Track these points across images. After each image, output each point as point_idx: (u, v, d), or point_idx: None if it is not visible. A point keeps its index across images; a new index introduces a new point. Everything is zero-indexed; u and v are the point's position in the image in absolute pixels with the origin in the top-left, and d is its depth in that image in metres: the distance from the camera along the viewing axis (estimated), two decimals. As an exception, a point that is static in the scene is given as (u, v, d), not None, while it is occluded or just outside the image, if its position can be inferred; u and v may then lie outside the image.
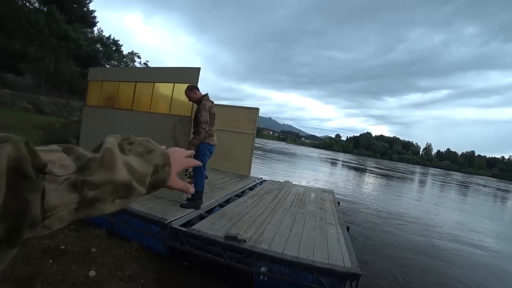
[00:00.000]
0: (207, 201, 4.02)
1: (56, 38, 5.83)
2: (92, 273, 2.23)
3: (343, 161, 44.60)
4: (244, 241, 2.65)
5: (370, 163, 54.64)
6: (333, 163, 35.90)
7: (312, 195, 5.65)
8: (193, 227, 2.91)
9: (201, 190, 3.57)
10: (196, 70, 3.75)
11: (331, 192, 6.22)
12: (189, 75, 3.76)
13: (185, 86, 3.75)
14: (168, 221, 2.93)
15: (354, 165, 37.60)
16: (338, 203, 5.48)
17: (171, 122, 3.77)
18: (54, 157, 0.29)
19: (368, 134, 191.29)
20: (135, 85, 4.15)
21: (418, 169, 73.55)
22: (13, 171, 0.24)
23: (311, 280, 2.38)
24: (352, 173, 23.16)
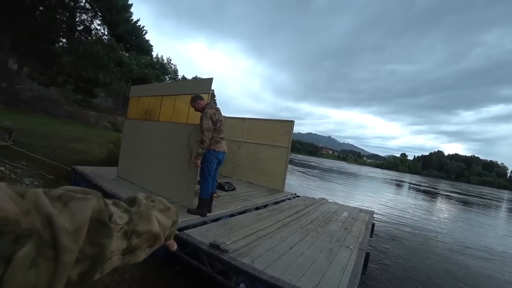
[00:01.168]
0: (219, 210, 4.02)
1: (113, 64, 7.16)
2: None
3: (410, 183, 38.81)
4: (227, 251, 2.51)
5: (444, 185, 45.64)
6: (398, 184, 31.57)
7: (344, 214, 5.04)
8: (185, 231, 2.93)
9: (206, 198, 3.58)
10: (209, 81, 3.92)
11: (370, 213, 5.42)
12: (203, 85, 3.97)
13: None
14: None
15: (424, 187, 32.12)
16: (373, 225, 4.74)
17: (187, 131, 3.98)
18: (114, 209, 0.34)
19: (440, 153, 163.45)
20: (162, 99, 4.58)
21: (506, 194, 57.69)
22: (95, 221, 0.28)
23: (291, 308, 2.06)
24: (420, 196, 19.80)
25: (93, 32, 7.94)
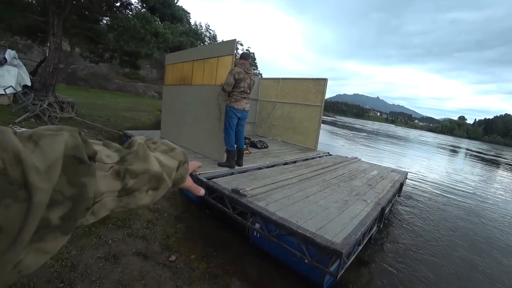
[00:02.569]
0: (248, 164, 4.37)
1: (150, 35, 7.54)
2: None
3: (467, 149, 34.40)
4: (245, 196, 2.84)
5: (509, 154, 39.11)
6: (453, 150, 28.42)
7: (373, 172, 4.99)
8: (213, 179, 3.33)
9: (231, 149, 3.94)
10: (232, 42, 4.01)
11: (403, 173, 5.26)
12: (228, 47, 4.08)
13: (226, 58, 4.14)
14: (197, 172, 3.47)
15: (485, 156, 27.68)
16: (401, 184, 4.63)
17: (216, 91, 4.23)
18: (100, 148, 0.33)
19: (508, 116, 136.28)
20: (193, 64, 4.85)
21: None
22: (70, 158, 0.26)
23: (296, 247, 2.30)
24: (479, 166, 17.75)
25: (129, 7, 8.39)
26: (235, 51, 4.09)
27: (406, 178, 5.50)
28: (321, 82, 6.62)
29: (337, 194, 3.38)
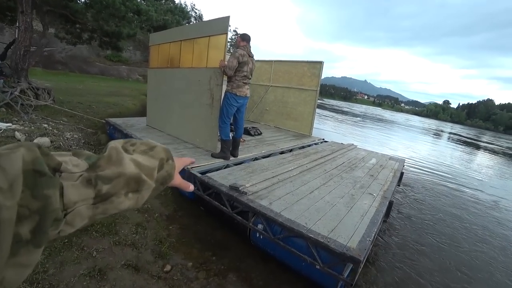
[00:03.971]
0: (243, 154, 4.08)
1: (132, 13, 6.79)
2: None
3: (449, 133, 35.69)
4: (245, 193, 2.57)
5: (489, 138, 40.78)
6: (436, 134, 29.21)
7: (372, 160, 4.83)
8: (208, 174, 3.03)
9: (227, 140, 3.62)
10: (225, 19, 3.57)
11: (400, 161, 5.12)
12: (220, 25, 3.64)
13: (218, 37, 3.72)
14: (189, 166, 3.15)
15: (465, 138, 29.15)
16: (402, 174, 4.50)
17: (207, 75, 3.84)
18: (67, 158, 0.32)
19: (490, 101, 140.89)
20: (181, 44, 4.37)
21: None
22: (30, 172, 0.26)
23: (305, 251, 2.08)
24: (459, 148, 18.21)
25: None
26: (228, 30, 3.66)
27: (404, 166, 5.40)
28: (317, 66, 6.28)
29: (341, 188, 3.17)
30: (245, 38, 3.56)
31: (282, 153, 4.68)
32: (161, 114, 5.06)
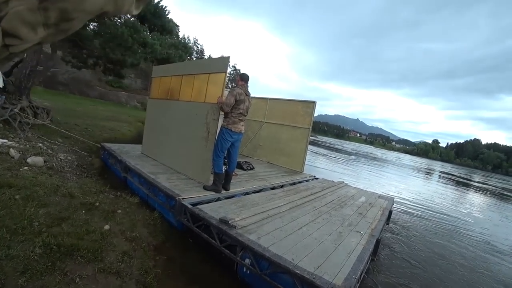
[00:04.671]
0: (235, 188, 4.13)
1: (138, 45, 7.32)
2: (106, 227, 2.70)
3: (440, 172, 36.62)
4: (235, 227, 2.61)
5: (479, 177, 42.35)
6: (428, 172, 29.89)
7: (362, 199, 4.93)
8: (198, 206, 3.07)
9: (219, 173, 3.70)
10: (225, 59, 3.89)
11: (389, 199, 5.24)
12: (221, 64, 3.95)
13: (218, 75, 4.00)
14: (180, 197, 3.20)
15: (457, 178, 29.94)
16: (390, 212, 4.60)
17: (205, 109, 4.04)
18: None
19: (476, 141, 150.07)
20: (182, 78, 4.66)
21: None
22: None
23: (291, 287, 2.09)
24: (451, 186, 18.61)
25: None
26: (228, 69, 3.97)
27: (393, 204, 5.50)
28: (310, 105, 6.63)
29: (330, 225, 3.23)
30: (244, 78, 3.85)
31: (273, 188, 4.74)
32: (157, 143, 5.17)
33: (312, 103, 6.61)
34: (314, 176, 6.66)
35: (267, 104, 7.47)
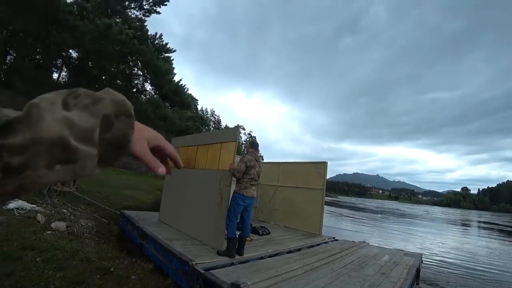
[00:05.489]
0: (250, 253, 4.07)
1: (159, 119, 8.32)
2: (120, 294, 2.73)
3: (479, 221, 33.08)
4: (246, 292, 2.57)
5: None
6: (465, 224, 27.10)
7: (385, 257, 4.62)
8: (211, 271, 3.06)
9: (233, 237, 3.73)
10: (236, 130, 4.39)
11: (417, 256, 4.86)
12: (231, 134, 4.42)
13: (229, 144, 4.41)
14: (193, 262, 3.22)
15: (501, 227, 26.75)
16: (418, 270, 4.23)
17: (218, 176, 4.34)
18: None
19: (510, 183, 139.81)
20: (197, 148, 5.14)
21: None
22: None
23: None
24: (498, 238, 16.55)
25: (144, 92, 9.48)
26: (238, 138, 4.41)
27: (422, 262, 5.05)
28: (321, 166, 6.78)
29: (348, 287, 3.05)
30: (253, 145, 4.23)
31: (289, 252, 4.60)
32: (173, 210, 5.38)
33: (323, 164, 6.77)
34: (334, 238, 6.37)
35: (280, 168, 7.70)
